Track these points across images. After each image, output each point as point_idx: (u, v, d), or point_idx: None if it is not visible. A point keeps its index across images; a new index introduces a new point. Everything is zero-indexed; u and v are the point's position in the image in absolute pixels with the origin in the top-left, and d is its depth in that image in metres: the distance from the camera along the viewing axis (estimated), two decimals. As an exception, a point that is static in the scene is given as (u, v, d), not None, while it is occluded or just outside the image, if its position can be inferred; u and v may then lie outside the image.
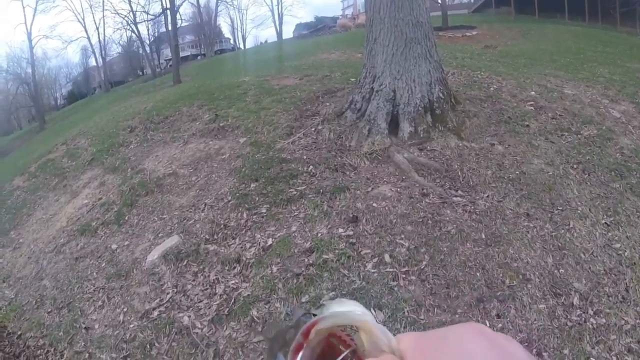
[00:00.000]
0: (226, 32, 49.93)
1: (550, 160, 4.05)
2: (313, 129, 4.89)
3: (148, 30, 37.18)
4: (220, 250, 3.37)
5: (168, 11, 20.71)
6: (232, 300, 2.87)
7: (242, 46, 46.01)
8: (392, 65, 4.46)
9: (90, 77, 43.04)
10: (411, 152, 4.13)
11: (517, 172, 3.85)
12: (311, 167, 4.13)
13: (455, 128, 4.43)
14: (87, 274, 3.65)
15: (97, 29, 34.16)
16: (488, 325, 2.42)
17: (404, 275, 2.78)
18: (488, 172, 3.84)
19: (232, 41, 48.92)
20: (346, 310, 0.35)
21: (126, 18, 31.58)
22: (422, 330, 0.33)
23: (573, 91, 6.00)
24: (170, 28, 20.63)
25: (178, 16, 24.66)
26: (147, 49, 35.21)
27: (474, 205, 3.41)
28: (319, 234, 3.21)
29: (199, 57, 41.12)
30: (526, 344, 2.32)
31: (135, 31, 32.73)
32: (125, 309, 3.07)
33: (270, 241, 3.26)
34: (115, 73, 40.56)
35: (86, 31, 34.23)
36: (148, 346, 2.66)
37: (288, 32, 50.21)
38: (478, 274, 2.79)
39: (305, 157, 4.35)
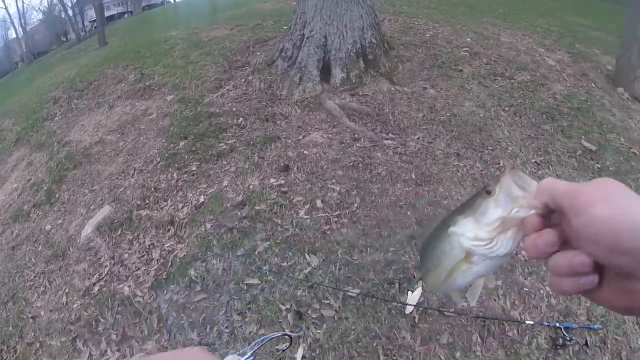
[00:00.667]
0: (154, -15, 45.82)
1: (482, 103, 4.15)
2: (243, 80, 4.70)
3: (69, -9, 33.41)
4: (153, 215, 3.25)
5: (88, -33, 18.57)
6: (169, 263, 2.81)
7: (172, 0, 42.53)
8: (322, 10, 4.29)
9: (11, 50, 38.77)
10: (343, 98, 4.09)
11: (448, 114, 3.92)
12: (241, 119, 4.00)
13: (387, 73, 4.41)
14: (25, 262, 3.43)
15: (14, -4, 30.23)
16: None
17: (336, 219, 2.81)
18: (419, 114, 3.90)
19: (161, -5, 45.06)
20: None
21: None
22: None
23: (509, 39, 6.07)
24: (92, -14, 18.57)
25: (101, -27, 22.14)
26: (70, 12, 31.71)
27: (405, 147, 3.47)
28: (251, 186, 3.16)
29: (125, 15, 37.61)
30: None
31: (55, -7, 29.29)
32: (67, 290, 2.94)
33: (202, 198, 3.18)
34: (38, 43, 36.51)
35: (2, 1, 30.17)
36: (94, 323, 2.58)
37: (223, -18, 46.95)
38: (409, 212, 2.87)
39: (234, 109, 4.20)
